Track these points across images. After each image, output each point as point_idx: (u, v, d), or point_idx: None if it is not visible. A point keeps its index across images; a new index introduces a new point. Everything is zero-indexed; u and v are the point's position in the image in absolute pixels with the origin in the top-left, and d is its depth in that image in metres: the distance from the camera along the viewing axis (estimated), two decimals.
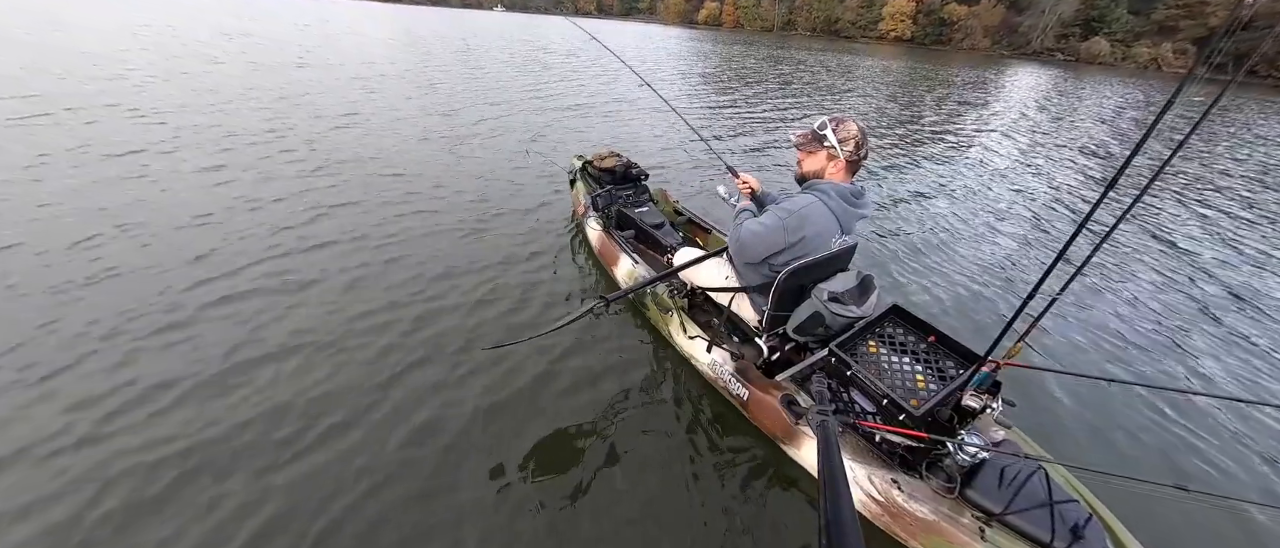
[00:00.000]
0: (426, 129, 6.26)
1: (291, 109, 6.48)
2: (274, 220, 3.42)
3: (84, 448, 1.73)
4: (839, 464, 0.97)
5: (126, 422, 1.84)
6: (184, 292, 2.58)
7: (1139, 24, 45.32)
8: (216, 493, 1.64)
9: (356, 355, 2.29)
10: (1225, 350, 3.15)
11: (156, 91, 6.59)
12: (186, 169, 4.12)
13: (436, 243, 3.37)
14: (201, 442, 1.80)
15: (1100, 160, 8.27)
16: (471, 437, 1.94)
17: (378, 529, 1.59)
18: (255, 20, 18.66)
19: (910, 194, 5.63)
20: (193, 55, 9.71)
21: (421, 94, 8.42)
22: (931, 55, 38.17)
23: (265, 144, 4.98)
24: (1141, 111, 14.76)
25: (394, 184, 4.32)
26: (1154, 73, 38.97)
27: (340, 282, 2.82)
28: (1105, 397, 2.54)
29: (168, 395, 1.97)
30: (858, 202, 1.87)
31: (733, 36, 43.61)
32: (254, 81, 7.93)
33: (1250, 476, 2.20)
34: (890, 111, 11.35)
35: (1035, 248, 4.45)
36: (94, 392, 1.95)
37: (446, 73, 11.01)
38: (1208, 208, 6.18)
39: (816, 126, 1.85)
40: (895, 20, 55.72)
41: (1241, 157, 9.55)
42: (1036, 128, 11.08)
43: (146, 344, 2.21)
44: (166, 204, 3.48)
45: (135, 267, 2.74)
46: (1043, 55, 48.02)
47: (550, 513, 1.69)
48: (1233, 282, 4.15)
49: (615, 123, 7.64)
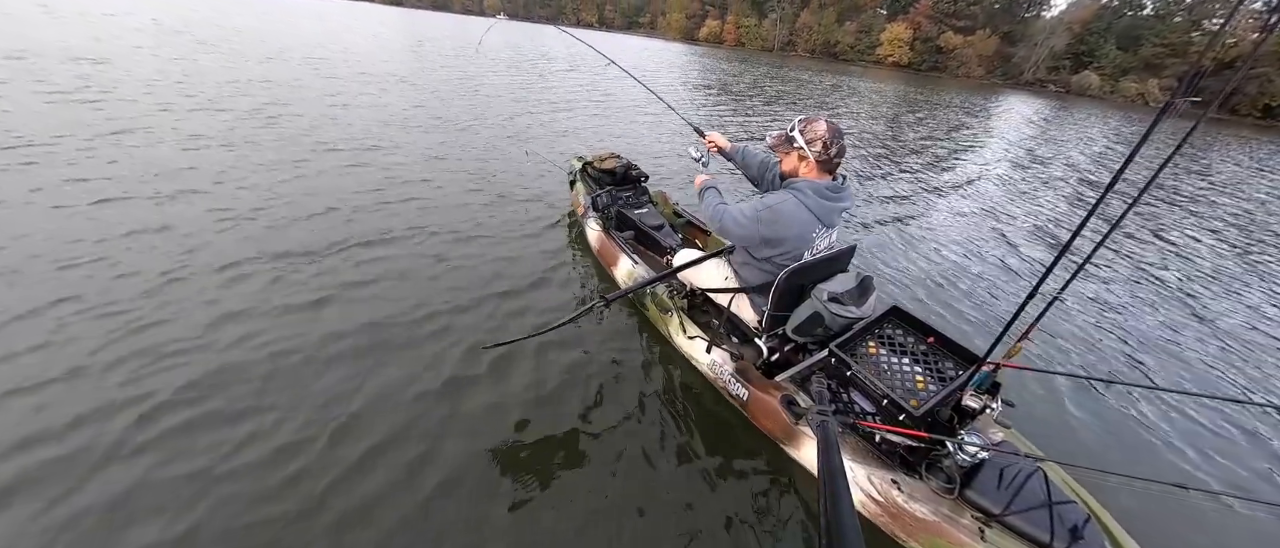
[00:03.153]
0: (425, 129, 6.26)
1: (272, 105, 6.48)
2: (265, 223, 3.42)
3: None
4: (839, 464, 0.97)
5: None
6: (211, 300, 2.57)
7: (1127, 59, 46.72)
8: (215, 495, 1.64)
9: (355, 355, 2.29)
10: (1224, 351, 3.16)
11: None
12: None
13: (436, 243, 3.37)
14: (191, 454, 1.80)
15: (1091, 175, 8.30)
16: (471, 436, 1.93)
17: (377, 529, 1.59)
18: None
19: (910, 197, 5.64)
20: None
21: (422, 97, 8.43)
22: (927, 81, 38.84)
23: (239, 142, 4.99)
24: (1124, 141, 14.88)
25: (394, 185, 4.32)
26: (1140, 106, 40.23)
27: (339, 281, 2.82)
28: (1104, 397, 2.55)
29: (162, 396, 1.97)
30: (836, 195, 1.86)
31: (733, 54, 43.80)
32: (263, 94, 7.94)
33: (1250, 475, 2.20)
34: (889, 129, 11.42)
35: (1035, 250, 4.47)
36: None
37: (446, 73, 11.02)
38: (1206, 214, 6.20)
39: (787, 130, 1.87)
40: (893, 46, 57.04)
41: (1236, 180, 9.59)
42: (1035, 147, 11.17)
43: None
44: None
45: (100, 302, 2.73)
46: (1035, 85, 49.33)
47: (549, 513, 1.69)
48: (1232, 283, 4.16)
49: (614, 123, 7.66)
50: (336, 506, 1.64)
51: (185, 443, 1.79)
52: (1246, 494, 2.08)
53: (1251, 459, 2.29)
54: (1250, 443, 2.39)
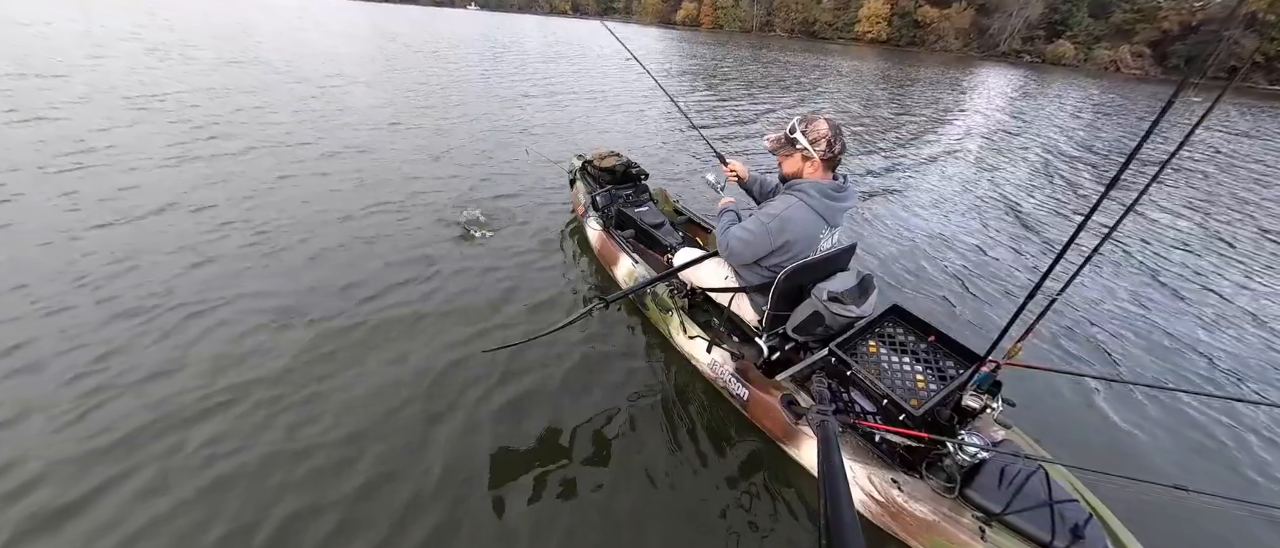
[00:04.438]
0: (425, 130, 6.25)
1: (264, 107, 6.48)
2: (255, 224, 3.42)
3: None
4: (839, 464, 0.97)
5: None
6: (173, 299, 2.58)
7: (1098, 27, 47.12)
8: (214, 497, 1.64)
9: (355, 355, 2.29)
10: (1225, 350, 3.15)
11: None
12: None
13: (435, 243, 3.37)
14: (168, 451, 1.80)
15: (1086, 156, 8.28)
16: (471, 437, 1.93)
17: (376, 528, 1.59)
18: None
19: (908, 196, 5.63)
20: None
21: (417, 94, 8.42)
22: (906, 56, 38.82)
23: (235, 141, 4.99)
24: (1115, 112, 14.77)
25: (393, 185, 4.31)
26: (1114, 74, 40.76)
27: (338, 281, 2.82)
28: (1105, 397, 2.54)
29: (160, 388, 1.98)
30: (840, 195, 1.85)
31: (712, 37, 43.58)
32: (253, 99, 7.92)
33: (1250, 475, 2.20)
34: (873, 112, 11.40)
35: (1035, 248, 4.45)
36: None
37: (445, 72, 11.00)
38: (1206, 210, 6.19)
39: (788, 131, 1.85)
40: (871, 22, 57.04)
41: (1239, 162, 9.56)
42: (1014, 124, 11.16)
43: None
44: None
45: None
46: (1011, 57, 49.39)
47: (549, 513, 1.69)
48: (1232, 282, 4.15)
49: (619, 118, 7.64)
50: (334, 504, 1.65)
51: (189, 458, 1.79)
52: (1247, 495, 2.07)
53: (1254, 459, 2.29)
54: (1252, 443, 2.38)
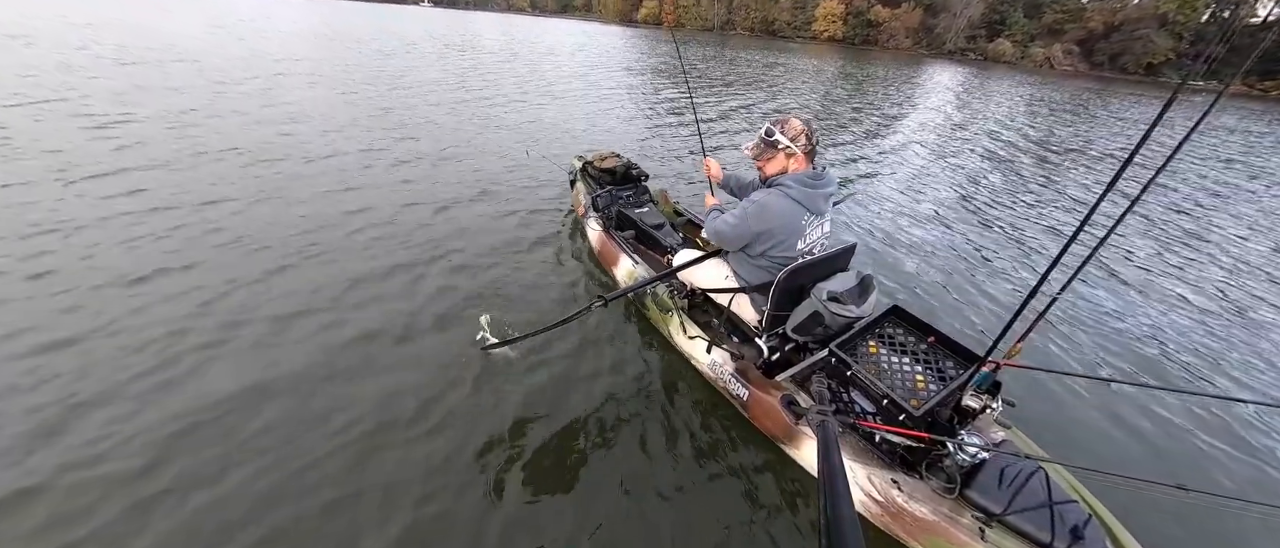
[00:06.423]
0: (423, 130, 6.26)
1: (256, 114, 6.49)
2: (257, 224, 3.42)
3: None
4: (839, 464, 0.97)
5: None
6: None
7: (1032, 26, 49.69)
8: (212, 495, 1.64)
9: (354, 353, 2.29)
10: (1225, 350, 3.15)
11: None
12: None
13: (435, 242, 3.37)
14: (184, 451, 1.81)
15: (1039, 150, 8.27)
16: (469, 436, 1.93)
17: (369, 525, 1.59)
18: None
19: (907, 194, 5.63)
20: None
21: (412, 96, 8.43)
22: (860, 54, 39.83)
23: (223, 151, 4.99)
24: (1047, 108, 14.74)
25: (392, 186, 4.32)
26: (1048, 71, 42.82)
27: (339, 280, 2.82)
28: (1105, 397, 2.54)
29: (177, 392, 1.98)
30: (819, 183, 1.92)
31: (676, 35, 43.76)
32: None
33: (1250, 475, 2.20)
34: (832, 108, 11.50)
35: (1035, 248, 4.45)
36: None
37: (442, 71, 11.02)
38: (1204, 210, 6.19)
39: (764, 135, 1.93)
40: (827, 21, 58.87)
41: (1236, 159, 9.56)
42: (1004, 127, 11.11)
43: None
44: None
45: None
46: (956, 55, 51.70)
47: (546, 513, 1.69)
48: (1232, 282, 4.15)
49: (610, 116, 7.65)
50: (330, 503, 1.65)
51: (198, 469, 1.79)
52: (1247, 495, 2.07)
53: (1253, 459, 2.28)
54: (1252, 442, 2.38)
